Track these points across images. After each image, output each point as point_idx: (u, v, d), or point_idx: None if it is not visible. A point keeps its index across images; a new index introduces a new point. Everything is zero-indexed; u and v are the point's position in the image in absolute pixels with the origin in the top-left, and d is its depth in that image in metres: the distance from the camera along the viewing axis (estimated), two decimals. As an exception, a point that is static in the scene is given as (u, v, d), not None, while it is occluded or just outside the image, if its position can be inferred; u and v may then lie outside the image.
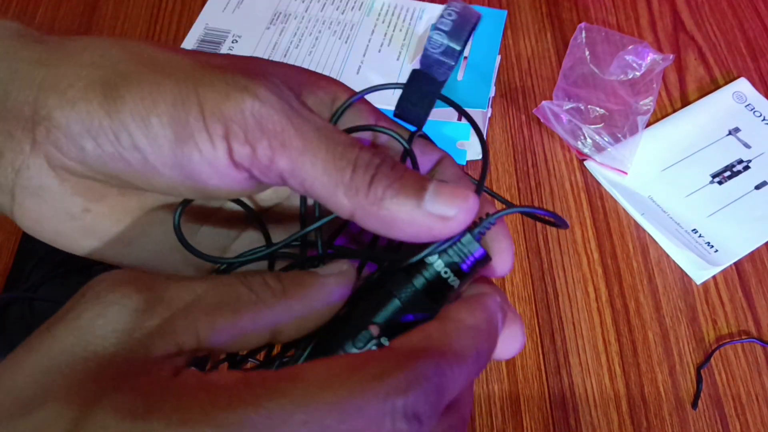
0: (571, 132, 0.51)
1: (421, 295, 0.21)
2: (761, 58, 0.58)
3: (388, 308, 0.21)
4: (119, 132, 0.20)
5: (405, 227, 0.20)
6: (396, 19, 0.52)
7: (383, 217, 0.20)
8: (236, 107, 0.20)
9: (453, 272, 0.21)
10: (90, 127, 0.20)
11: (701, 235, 0.48)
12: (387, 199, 0.20)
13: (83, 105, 0.20)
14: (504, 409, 0.41)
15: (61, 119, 0.20)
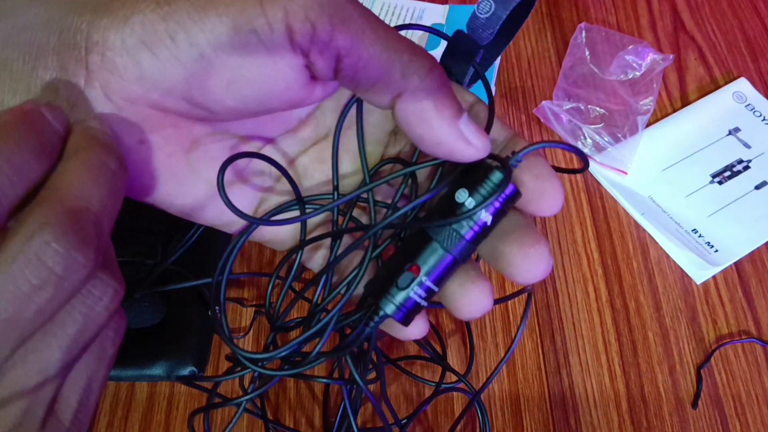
0: (571, 132, 0.51)
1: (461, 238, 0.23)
2: (761, 58, 0.58)
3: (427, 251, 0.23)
4: (175, 32, 0.20)
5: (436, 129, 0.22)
6: (396, 19, 0.52)
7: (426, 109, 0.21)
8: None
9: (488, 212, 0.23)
10: (145, 37, 0.20)
11: (701, 235, 0.48)
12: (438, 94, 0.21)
13: (137, 17, 0.20)
14: (504, 409, 0.41)
15: (116, 39, 0.20)
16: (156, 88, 0.21)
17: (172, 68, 0.21)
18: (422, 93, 0.21)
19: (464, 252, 0.23)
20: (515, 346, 0.42)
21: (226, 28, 0.20)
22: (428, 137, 0.22)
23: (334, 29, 0.20)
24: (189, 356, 0.40)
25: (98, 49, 0.20)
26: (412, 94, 0.21)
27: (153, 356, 0.40)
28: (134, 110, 0.22)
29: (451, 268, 0.23)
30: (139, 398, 0.40)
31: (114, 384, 0.40)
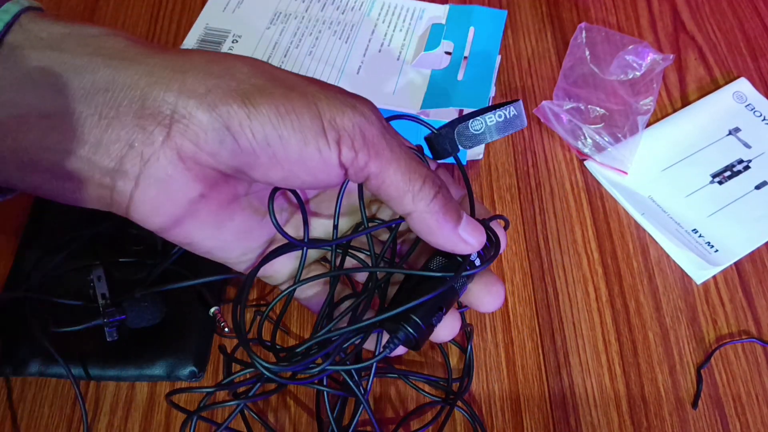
0: (571, 132, 0.51)
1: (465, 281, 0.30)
2: (761, 58, 0.58)
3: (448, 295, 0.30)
4: (257, 131, 0.25)
5: (441, 238, 0.28)
6: (396, 19, 0.52)
7: (431, 225, 0.28)
8: (348, 120, 0.26)
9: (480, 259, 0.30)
10: (230, 124, 0.25)
11: (701, 235, 0.48)
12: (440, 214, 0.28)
13: (224, 108, 0.25)
14: (504, 409, 0.41)
15: (203, 117, 0.25)
16: (226, 164, 0.26)
17: (246, 156, 0.25)
18: (428, 215, 0.28)
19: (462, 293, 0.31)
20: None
21: (297, 141, 0.25)
22: (434, 243, 0.29)
23: (369, 159, 0.26)
24: (189, 356, 0.40)
25: (184, 122, 0.25)
26: (420, 216, 0.28)
27: (153, 356, 0.40)
28: (201, 170, 0.26)
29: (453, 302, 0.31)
30: (139, 398, 0.40)
31: (114, 384, 0.40)
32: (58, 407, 0.40)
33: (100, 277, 0.41)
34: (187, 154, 0.25)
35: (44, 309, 0.41)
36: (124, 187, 0.25)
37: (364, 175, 0.27)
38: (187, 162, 0.25)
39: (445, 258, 0.30)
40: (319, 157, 0.26)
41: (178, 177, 0.25)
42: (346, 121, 0.26)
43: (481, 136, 0.30)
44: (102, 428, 0.39)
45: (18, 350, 0.39)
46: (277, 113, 0.25)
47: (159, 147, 0.25)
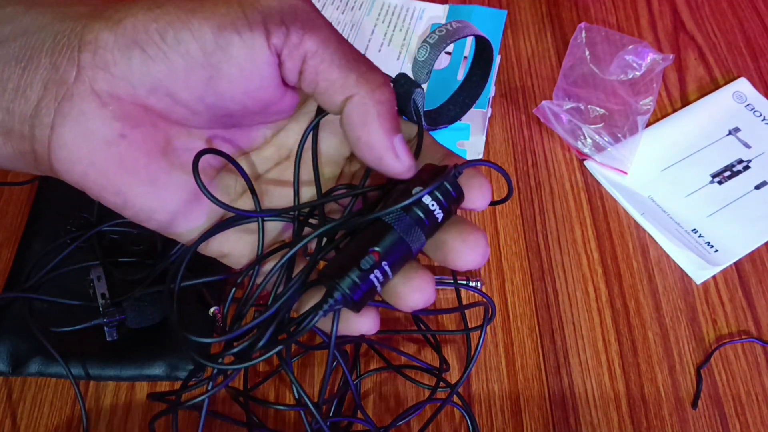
0: (571, 132, 0.51)
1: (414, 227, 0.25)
2: (761, 58, 0.58)
3: (387, 238, 0.25)
4: (165, 31, 0.23)
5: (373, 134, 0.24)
6: (396, 19, 0.52)
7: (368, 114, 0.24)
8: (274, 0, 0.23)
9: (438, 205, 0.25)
10: (136, 36, 0.23)
11: (701, 235, 0.48)
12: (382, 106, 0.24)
13: (129, 20, 0.23)
14: (504, 409, 0.41)
15: (108, 37, 0.23)
16: (142, 83, 0.23)
17: (160, 64, 0.23)
18: (370, 100, 0.24)
19: (418, 244, 0.25)
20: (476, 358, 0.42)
21: (210, 28, 0.23)
22: (364, 140, 0.25)
23: (305, 33, 0.23)
24: (189, 356, 0.40)
25: (91, 48, 0.23)
26: (361, 99, 0.24)
27: (153, 356, 0.40)
28: (119, 105, 0.23)
29: (406, 257, 0.25)
30: (139, 398, 0.40)
31: (114, 384, 0.40)
32: (58, 407, 0.40)
33: (100, 277, 0.41)
34: (100, 86, 0.23)
35: (44, 309, 0.41)
36: (42, 134, 0.23)
37: (300, 56, 0.24)
38: (103, 96, 0.23)
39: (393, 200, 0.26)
40: (240, 41, 0.23)
41: (93, 114, 0.23)
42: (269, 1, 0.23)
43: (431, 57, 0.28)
44: (102, 428, 0.39)
45: (18, 350, 0.39)
46: (186, 9, 0.23)
47: (72, 84, 0.23)
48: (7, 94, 0.23)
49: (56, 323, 0.39)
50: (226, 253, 0.29)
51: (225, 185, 0.28)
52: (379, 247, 0.25)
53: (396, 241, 0.25)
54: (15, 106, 0.23)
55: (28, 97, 0.23)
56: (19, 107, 0.23)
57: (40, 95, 0.23)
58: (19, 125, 0.23)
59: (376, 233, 0.25)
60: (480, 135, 0.50)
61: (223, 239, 0.28)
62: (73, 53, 0.23)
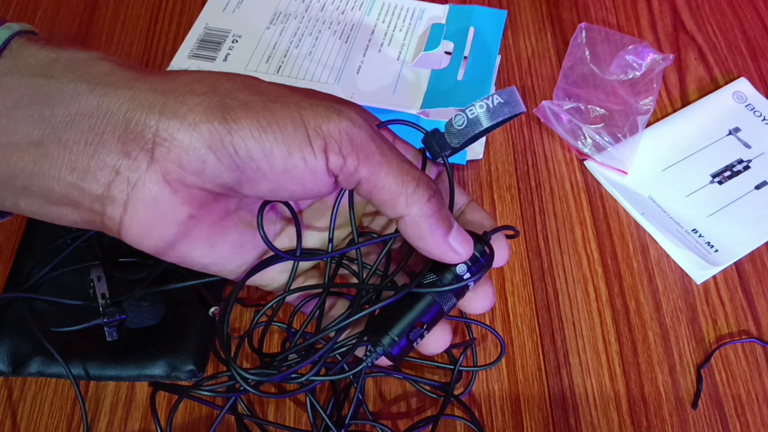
0: (571, 132, 0.51)
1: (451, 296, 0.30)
2: (761, 58, 0.58)
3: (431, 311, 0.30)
4: (239, 146, 0.25)
5: (432, 244, 0.28)
6: (396, 19, 0.52)
7: (422, 230, 0.27)
8: (334, 127, 0.26)
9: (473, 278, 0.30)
10: (211, 143, 0.24)
11: (701, 235, 0.48)
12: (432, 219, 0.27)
13: (205, 126, 0.24)
14: (504, 409, 0.41)
15: (184, 139, 0.24)
16: (212, 183, 0.26)
17: (231, 172, 0.25)
18: (420, 218, 0.27)
19: (451, 307, 0.30)
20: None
21: (281, 152, 0.25)
22: (423, 249, 0.28)
23: (359, 163, 0.26)
24: (189, 356, 0.40)
25: (166, 145, 0.24)
26: (412, 219, 0.27)
27: (153, 356, 0.40)
28: (188, 193, 0.26)
29: (439, 318, 0.30)
30: (139, 398, 0.40)
31: (114, 384, 0.40)
32: (58, 407, 0.40)
33: (100, 277, 0.41)
34: (172, 176, 0.25)
35: (44, 309, 0.41)
36: (114, 213, 0.25)
37: (355, 181, 0.27)
38: (173, 185, 0.25)
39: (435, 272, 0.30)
40: (305, 167, 0.26)
41: (165, 200, 0.25)
42: (332, 128, 0.26)
43: (467, 130, 0.29)
44: (102, 428, 0.39)
45: (18, 350, 0.39)
46: (259, 126, 0.25)
47: (144, 172, 0.25)
48: (77, 173, 0.25)
49: (56, 323, 0.39)
50: (264, 284, 0.33)
51: (268, 226, 0.32)
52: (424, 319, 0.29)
53: (438, 312, 0.30)
54: (85, 185, 0.25)
55: (99, 178, 0.25)
56: (88, 186, 0.25)
57: (110, 178, 0.25)
58: (89, 202, 0.25)
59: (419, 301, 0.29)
60: (480, 135, 0.50)
61: (263, 273, 0.32)
62: (147, 145, 0.24)
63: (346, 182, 0.27)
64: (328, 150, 0.26)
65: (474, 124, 0.29)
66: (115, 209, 0.25)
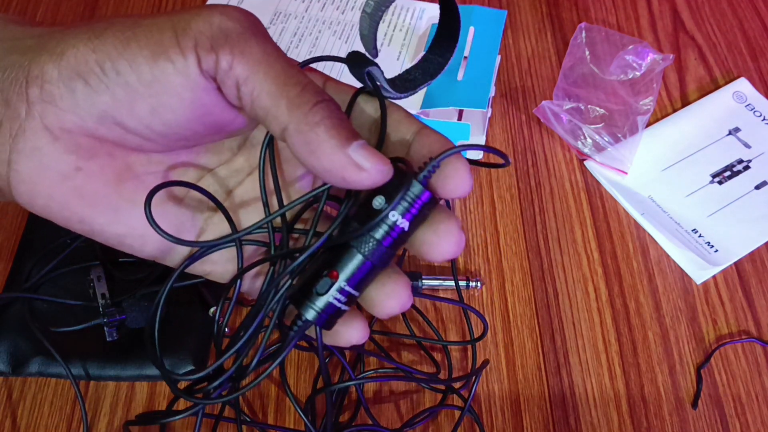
0: (571, 132, 0.51)
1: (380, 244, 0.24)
2: (761, 58, 0.58)
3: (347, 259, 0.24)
4: (103, 62, 0.22)
5: (323, 158, 0.22)
6: (396, 19, 0.52)
7: (310, 140, 0.22)
8: (204, 21, 0.23)
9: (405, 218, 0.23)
10: (77, 67, 0.22)
11: (701, 235, 0.48)
12: (321, 126, 0.22)
13: (71, 51, 0.23)
14: (504, 409, 0.41)
15: (53, 71, 0.22)
16: (89, 115, 0.23)
17: (101, 95, 0.23)
18: (306, 126, 0.22)
19: (383, 257, 0.24)
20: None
21: (145, 58, 0.22)
22: (317, 167, 0.23)
23: (233, 59, 0.22)
24: (188, 356, 0.40)
25: (37, 83, 0.23)
26: (296, 127, 0.23)
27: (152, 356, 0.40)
28: (71, 138, 0.23)
29: (371, 273, 0.24)
30: (139, 398, 0.40)
31: (114, 384, 0.40)
32: (58, 407, 0.40)
33: (100, 277, 0.41)
34: (50, 121, 0.23)
35: (44, 309, 0.41)
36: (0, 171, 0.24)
37: (233, 83, 0.23)
38: (53, 130, 0.23)
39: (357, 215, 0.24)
40: (174, 70, 0.22)
41: (46, 149, 0.23)
42: (201, 24, 0.23)
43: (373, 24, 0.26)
44: (102, 428, 0.39)
45: (18, 350, 0.39)
46: (123, 38, 0.22)
47: (24, 119, 0.23)
48: None
49: (56, 323, 0.39)
50: (208, 272, 0.29)
51: (197, 204, 0.28)
52: (337, 268, 0.24)
53: (358, 263, 0.24)
54: None
55: None
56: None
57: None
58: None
59: (337, 254, 0.24)
60: (480, 135, 0.50)
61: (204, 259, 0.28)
62: (21, 88, 0.23)
63: (226, 88, 0.23)
64: (198, 47, 0.22)
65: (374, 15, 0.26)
66: (1, 166, 0.23)
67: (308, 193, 0.25)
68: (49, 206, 0.24)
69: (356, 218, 0.24)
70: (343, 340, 0.26)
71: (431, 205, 0.24)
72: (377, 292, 0.25)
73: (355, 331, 0.26)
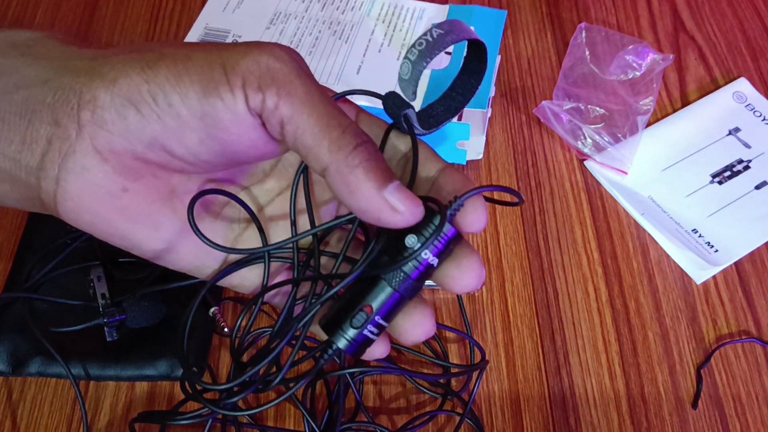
0: (571, 132, 0.51)
1: (409, 279, 0.25)
2: (761, 58, 0.58)
3: (380, 292, 0.25)
4: (156, 93, 0.24)
5: (361, 199, 0.24)
6: (396, 19, 0.52)
7: (349, 182, 0.24)
8: (253, 61, 0.24)
9: (433, 254, 0.25)
10: (130, 96, 0.24)
11: (701, 235, 0.48)
12: (360, 169, 0.24)
13: (123, 80, 0.24)
14: (504, 409, 0.41)
15: (105, 97, 0.24)
16: (139, 141, 0.24)
17: (153, 124, 0.24)
18: (346, 168, 0.24)
19: (411, 290, 0.26)
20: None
21: (196, 93, 0.24)
22: (354, 207, 0.24)
23: (279, 99, 0.24)
24: (189, 356, 0.40)
25: (89, 107, 0.24)
26: (337, 168, 0.24)
27: (153, 356, 0.40)
28: (119, 160, 0.25)
29: (399, 304, 0.26)
30: (139, 398, 0.40)
31: (114, 384, 0.40)
32: (58, 407, 0.40)
33: (100, 277, 0.41)
34: (100, 143, 0.24)
35: (44, 309, 0.41)
36: (48, 187, 0.25)
37: (278, 121, 0.24)
38: (103, 152, 0.24)
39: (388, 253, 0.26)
40: (223, 106, 0.24)
41: (95, 170, 0.24)
42: (249, 63, 0.24)
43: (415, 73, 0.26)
44: (102, 428, 0.39)
45: (18, 350, 0.39)
46: (176, 71, 0.24)
47: (74, 140, 0.24)
48: (14, 146, 0.24)
49: (56, 323, 0.39)
50: (236, 285, 0.30)
51: (230, 220, 0.29)
52: (372, 302, 0.25)
53: (389, 296, 0.25)
54: (22, 158, 0.24)
55: (34, 150, 0.24)
56: (25, 159, 0.24)
57: (45, 149, 0.24)
58: (26, 176, 0.25)
59: (369, 286, 0.26)
60: (480, 135, 0.50)
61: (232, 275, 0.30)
62: (73, 111, 0.24)
63: (270, 124, 0.24)
64: (247, 86, 0.24)
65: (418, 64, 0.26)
66: (49, 182, 0.24)
67: (339, 219, 0.27)
68: (94, 223, 0.26)
69: (386, 252, 0.26)
70: (367, 355, 0.28)
71: (456, 240, 0.26)
72: (404, 321, 0.27)
73: (379, 347, 0.28)
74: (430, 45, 0.26)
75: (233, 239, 0.29)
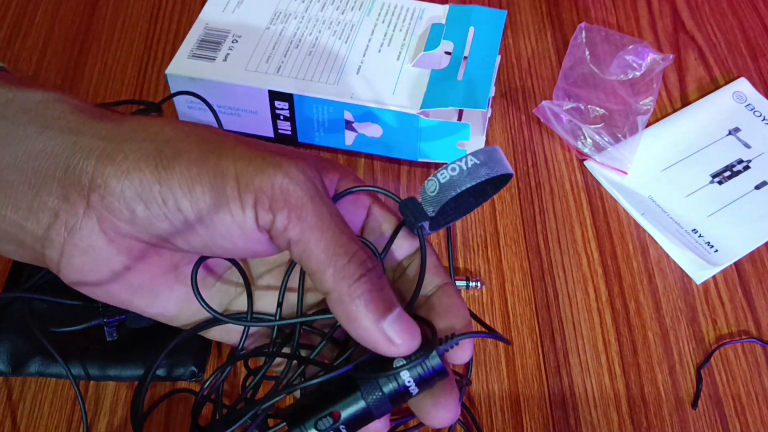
0: (571, 132, 0.51)
1: (384, 398, 0.25)
2: (761, 58, 0.58)
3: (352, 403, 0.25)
4: (167, 197, 0.24)
5: (359, 329, 0.24)
6: (396, 19, 0.52)
7: (349, 312, 0.24)
8: (267, 180, 0.24)
9: (415, 382, 0.25)
10: (141, 192, 0.24)
11: (701, 235, 0.48)
12: (361, 300, 0.24)
13: (136, 174, 0.24)
14: (504, 409, 0.41)
15: (116, 187, 0.24)
16: (145, 233, 0.25)
17: (160, 222, 0.24)
18: (347, 297, 0.24)
19: (382, 409, 0.26)
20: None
21: (207, 204, 0.24)
22: (353, 334, 0.25)
23: (289, 223, 0.24)
24: (189, 356, 0.40)
25: (100, 191, 0.24)
26: (339, 297, 0.24)
27: (153, 356, 0.40)
28: (124, 243, 0.25)
29: (366, 419, 0.26)
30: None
31: (114, 384, 0.40)
32: (58, 407, 0.40)
33: (100, 277, 0.41)
34: (107, 224, 0.24)
35: (44, 309, 0.41)
36: (52, 255, 0.25)
37: (285, 241, 0.25)
38: (108, 233, 0.25)
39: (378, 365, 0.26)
40: (232, 222, 0.24)
41: (100, 249, 0.25)
42: (264, 182, 0.24)
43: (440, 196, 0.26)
44: (102, 428, 0.39)
45: (18, 350, 0.39)
46: (189, 177, 0.24)
47: (81, 218, 0.24)
48: (21, 213, 0.25)
49: (56, 323, 0.39)
50: (218, 338, 0.32)
51: (226, 287, 0.31)
52: (341, 410, 0.25)
53: (361, 410, 0.25)
54: (28, 225, 0.25)
55: (40, 219, 0.24)
56: (31, 226, 0.25)
57: (51, 221, 0.24)
58: (31, 242, 0.25)
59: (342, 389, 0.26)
60: (480, 135, 0.50)
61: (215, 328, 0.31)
62: (83, 191, 0.24)
63: (277, 240, 0.25)
64: (258, 205, 0.24)
65: (447, 190, 0.25)
66: (54, 252, 0.25)
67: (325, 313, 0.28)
68: (95, 292, 0.27)
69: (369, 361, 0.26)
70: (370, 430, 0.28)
71: (442, 376, 0.26)
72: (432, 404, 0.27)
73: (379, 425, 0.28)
74: (463, 174, 0.25)
75: (229, 301, 0.31)
